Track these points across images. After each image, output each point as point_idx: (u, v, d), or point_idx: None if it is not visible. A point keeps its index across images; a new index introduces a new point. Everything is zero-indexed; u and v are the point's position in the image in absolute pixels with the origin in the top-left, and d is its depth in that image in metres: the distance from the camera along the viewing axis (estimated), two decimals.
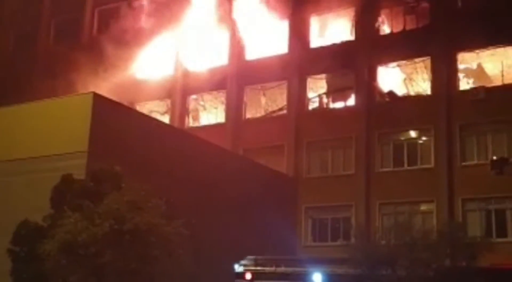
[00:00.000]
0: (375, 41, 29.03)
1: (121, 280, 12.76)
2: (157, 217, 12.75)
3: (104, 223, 12.32)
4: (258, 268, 16.59)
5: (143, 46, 34.66)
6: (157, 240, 12.55)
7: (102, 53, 33.15)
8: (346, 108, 29.84)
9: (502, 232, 24.39)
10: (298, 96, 30.60)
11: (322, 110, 30.70)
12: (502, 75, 26.79)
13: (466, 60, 27.73)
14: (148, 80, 34.42)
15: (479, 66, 27.71)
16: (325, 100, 30.97)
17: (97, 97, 18.47)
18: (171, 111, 33.93)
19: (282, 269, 16.25)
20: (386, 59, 28.69)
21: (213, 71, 32.55)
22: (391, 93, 28.94)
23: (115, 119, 18.73)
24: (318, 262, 16.44)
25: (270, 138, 30.06)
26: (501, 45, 26.56)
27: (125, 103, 29.91)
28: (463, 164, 26.06)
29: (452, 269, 13.97)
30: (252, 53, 32.52)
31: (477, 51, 27.21)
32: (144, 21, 34.41)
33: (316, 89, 31.03)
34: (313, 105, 31.08)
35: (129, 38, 34.04)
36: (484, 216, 25.20)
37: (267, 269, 16.45)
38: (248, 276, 16.50)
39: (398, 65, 29.13)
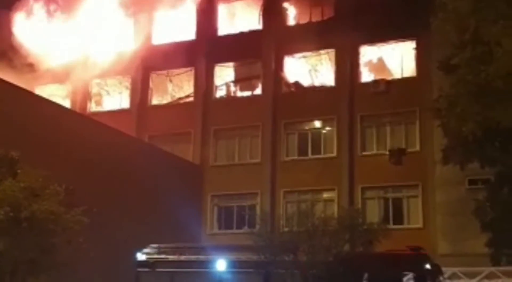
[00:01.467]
0: (282, 31, 29.42)
1: (17, 270, 12.29)
2: (56, 205, 12.37)
3: None
4: (161, 256, 16.45)
5: (42, 29, 33.28)
6: (56, 228, 12.18)
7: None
8: (253, 97, 30.11)
9: (399, 219, 25.54)
10: (205, 84, 30.53)
11: (229, 99, 30.80)
12: (402, 69, 27.94)
13: (368, 53, 28.69)
14: (48, 63, 33.09)
15: (380, 59, 28.75)
16: (232, 88, 31.09)
17: None
18: (72, 95, 32.89)
19: (185, 256, 16.20)
20: (292, 50, 29.16)
21: (118, 56, 31.75)
22: (297, 84, 29.49)
23: (11, 103, 17.93)
24: (222, 249, 16.53)
25: (177, 125, 29.82)
26: (401, 40, 27.66)
27: (24, 86, 28.72)
28: (363, 153, 27.02)
29: (350, 254, 14.46)
30: (159, 38, 32.05)
31: (378, 45, 28.21)
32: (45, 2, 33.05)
33: (224, 77, 31.07)
34: (220, 93, 31.12)
35: (28, 18, 32.59)
36: (382, 204, 26.28)
37: (170, 257, 16.34)
38: (151, 264, 16.32)
39: (304, 56, 29.71)
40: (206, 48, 30.45)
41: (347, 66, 28.03)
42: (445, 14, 10.47)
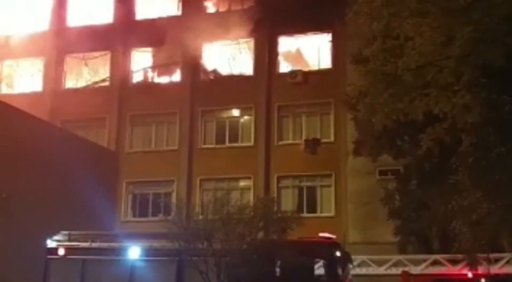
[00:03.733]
0: (201, 19, 29.16)
1: None
2: None
3: None
4: (73, 243, 16.13)
5: None
6: None
7: None
8: (172, 84, 29.87)
9: (312, 208, 26.19)
10: (122, 68, 30.02)
11: (147, 84, 30.38)
12: (319, 61, 28.53)
13: (286, 44, 29.08)
14: None
15: (298, 50, 29.24)
16: (150, 74, 30.67)
17: None
18: None
19: (97, 244, 15.96)
20: (211, 38, 29.02)
21: (31, 37, 30.56)
22: (215, 72, 29.49)
23: None
24: (136, 236, 16.41)
25: (92, 110, 29.12)
26: (318, 32, 28.21)
27: None
28: (280, 143, 27.46)
29: (264, 241, 14.72)
30: (75, 20, 31.11)
31: (296, 36, 28.65)
32: None
33: (141, 63, 30.60)
34: (137, 78, 30.64)
35: None
36: (296, 193, 26.85)
37: (82, 244, 16.05)
38: (61, 251, 15.98)
39: (223, 45, 29.71)
40: (123, 32, 29.87)
41: (265, 56, 28.32)
42: (358, 6, 10.82)
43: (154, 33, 29.03)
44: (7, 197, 12.91)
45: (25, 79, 32.09)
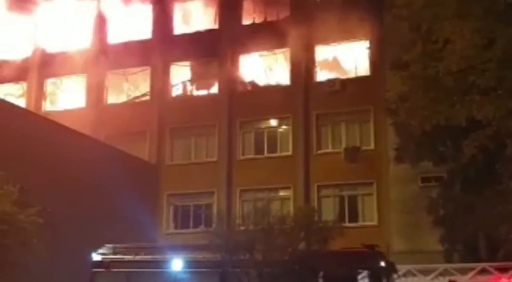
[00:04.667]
0: (238, 30, 29.47)
1: None
2: (10, 205, 12.12)
3: None
4: (117, 256, 16.31)
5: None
6: (9, 229, 11.95)
7: None
8: (209, 96, 30.08)
9: (354, 217, 25.88)
10: (161, 83, 30.38)
11: (185, 98, 30.69)
12: (356, 68, 28.34)
13: (323, 53, 28.98)
14: (3, 62, 32.36)
15: (335, 59, 29.11)
16: (189, 87, 30.99)
17: None
18: (27, 94, 32.27)
19: (141, 256, 16.11)
20: (248, 49, 29.21)
21: (74, 54, 31.28)
22: (252, 83, 29.62)
23: None
24: (178, 248, 16.49)
25: (133, 124, 29.53)
26: (355, 40, 28.05)
27: None
28: (319, 152, 27.31)
29: (306, 252, 14.60)
30: (115, 36, 31.70)
31: (333, 44, 28.55)
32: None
33: (180, 76, 30.95)
34: (176, 92, 30.99)
35: None
36: (337, 202, 26.59)
37: (126, 257, 16.22)
38: (106, 264, 16.17)
39: (260, 55, 29.85)
40: (162, 47, 30.28)
41: (302, 65, 28.28)
42: (398, 10, 10.72)
43: (192, 47, 29.33)
44: (52, 211, 13.17)
45: (69, 96, 32.79)
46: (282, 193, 27.43)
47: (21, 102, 31.16)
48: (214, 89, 30.13)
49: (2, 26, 32.51)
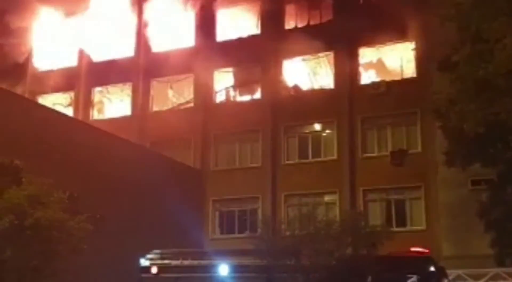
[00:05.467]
0: (280, 35, 29.43)
1: (23, 277, 12.31)
2: (60, 212, 12.39)
3: (3, 218, 11.82)
4: (165, 261, 16.46)
5: (45, 37, 33.43)
6: (60, 235, 12.21)
7: (2, 44, 31.75)
8: (253, 102, 30.15)
9: (402, 222, 25.48)
10: (205, 89, 30.60)
11: (229, 104, 30.85)
12: (402, 70, 27.95)
13: (368, 55, 28.72)
14: (50, 72, 33.24)
15: (380, 61, 28.79)
16: (232, 93, 31.14)
17: None
18: (75, 103, 32.99)
19: (188, 262, 16.21)
20: (291, 54, 29.16)
21: (119, 63, 31.87)
22: (296, 87, 29.54)
23: (15, 112, 18.01)
24: (225, 254, 16.53)
25: (177, 131, 29.84)
26: (400, 41, 27.68)
27: (27, 95, 28.86)
28: (364, 155, 27.01)
29: (353, 257, 14.44)
30: (159, 45, 32.13)
31: (377, 46, 28.23)
32: (46, 10, 33.13)
33: (223, 83, 31.13)
34: (220, 98, 31.17)
35: (30, 29, 32.79)
36: (384, 206, 26.23)
37: (174, 262, 16.34)
38: (154, 270, 16.31)
39: (303, 60, 29.76)
40: (206, 54, 30.48)
41: (346, 68, 28.05)
42: (446, 11, 10.50)
43: (234, 53, 29.51)
44: (102, 217, 13.40)
45: (115, 104, 33.39)
46: (327, 198, 27.21)
47: (69, 112, 31.89)
48: (257, 95, 30.18)
49: (49, 37, 33.35)
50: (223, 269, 15.56)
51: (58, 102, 33.17)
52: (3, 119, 17.22)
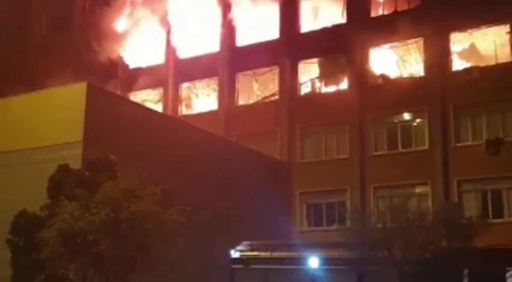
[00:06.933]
0: (366, 23, 28.90)
1: (119, 268, 12.75)
2: (153, 205, 12.71)
3: (100, 211, 12.28)
4: (254, 253, 16.61)
5: (134, 34, 34.50)
6: (153, 227, 12.52)
7: (93, 44, 33.07)
8: (339, 92, 29.78)
9: (499, 213, 24.42)
10: (290, 82, 30.54)
11: (314, 95, 30.64)
12: (496, 55, 26.72)
13: (459, 40, 27.67)
14: (139, 69, 34.29)
15: (472, 46, 27.65)
16: (317, 84, 30.90)
17: (90, 87, 18.36)
18: (164, 99, 33.90)
19: (277, 254, 16.27)
20: (378, 42, 28.59)
21: (204, 59, 32.41)
22: (383, 76, 28.88)
23: (108, 109, 18.63)
24: (314, 246, 16.47)
25: (263, 124, 30.00)
26: (493, 25, 26.50)
27: (118, 93, 29.92)
28: (458, 145, 26.09)
29: (448, 250, 13.97)
30: (243, 39, 32.38)
31: (469, 31, 27.14)
32: (133, 9, 34.16)
33: (308, 74, 30.93)
34: (305, 90, 31.01)
35: (119, 27, 33.92)
36: (480, 197, 25.22)
37: (263, 254, 16.47)
38: (245, 261, 16.52)
39: (391, 47, 29.07)
40: (290, 45, 30.44)
41: (436, 55, 27.15)
42: None
43: (319, 43, 29.27)
44: (193, 211, 13.64)
45: (202, 99, 34.00)
46: (419, 189, 26.50)
47: (159, 108, 32.77)
48: (344, 85, 29.78)
49: (137, 35, 34.37)
50: (313, 261, 15.51)
51: (148, 98, 34.17)
52: (99, 116, 17.88)
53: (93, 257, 12.46)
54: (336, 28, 29.75)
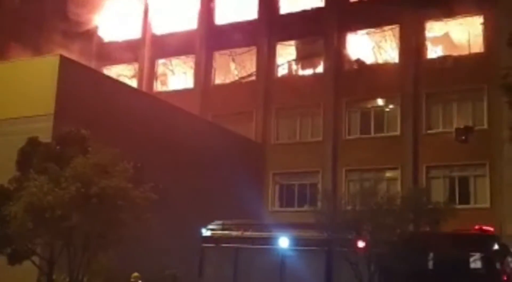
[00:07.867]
0: (345, 8, 28.96)
1: (88, 243, 12.74)
2: (125, 181, 12.66)
3: (70, 186, 12.18)
4: (225, 232, 16.73)
5: (110, 8, 34.04)
6: (124, 204, 12.48)
7: (68, 16, 32.53)
8: (315, 75, 29.89)
9: (465, 199, 24.88)
10: (267, 63, 30.52)
11: (291, 77, 30.71)
12: (469, 45, 27.06)
13: (434, 29, 27.90)
14: (115, 44, 33.91)
15: (447, 35, 27.93)
16: (294, 67, 30.95)
17: (63, 59, 18.18)
18: (139, 75, 33.57)
19: (249, 233, 16.41)
20: (355, 27, 28.70)
21: (182, 36, 32.17)
22: (359, 61, 29.03)
23: (81, 83, 18.47)
24: (285, 226, 16.65)
25: (239, 104, 30.01)
26: (468, 15, 26.76)
27: (92, 66, 29.57)
28: (429, 131, 26.43)
29: (416, 233, 14.26)
30: (222, 17, 32.19)
31: (445, 20, 27.37)
32: None
33: (286, 56, 30.95)
34: (282, 72, 31.05)
35: (95, 1, 33.44)
36: (447, 183, 25.65)
37: (234, 233, 16.60)
38: (215, 240, 16.64)
39: (367, 33, 29.20)
40: (268, 26, 30.37)
41: (412, 42, 27.36)
42: None
43: (297, 25, 29.26)
44: (164, 188, 13.64)
45: (178, 76, 33.80)
46: (389, 174, 26.88)
47: (133, 83, 32.50)
48: (320, 69, 29.88)
49: (113, 9, 33.91)
50: (284, 241, 15.69)
51: (123, 73, 33.85)
52: (71, 90, 17.71)
53: (61, 232, 12.40)
54: (315, 11, 29.75)
